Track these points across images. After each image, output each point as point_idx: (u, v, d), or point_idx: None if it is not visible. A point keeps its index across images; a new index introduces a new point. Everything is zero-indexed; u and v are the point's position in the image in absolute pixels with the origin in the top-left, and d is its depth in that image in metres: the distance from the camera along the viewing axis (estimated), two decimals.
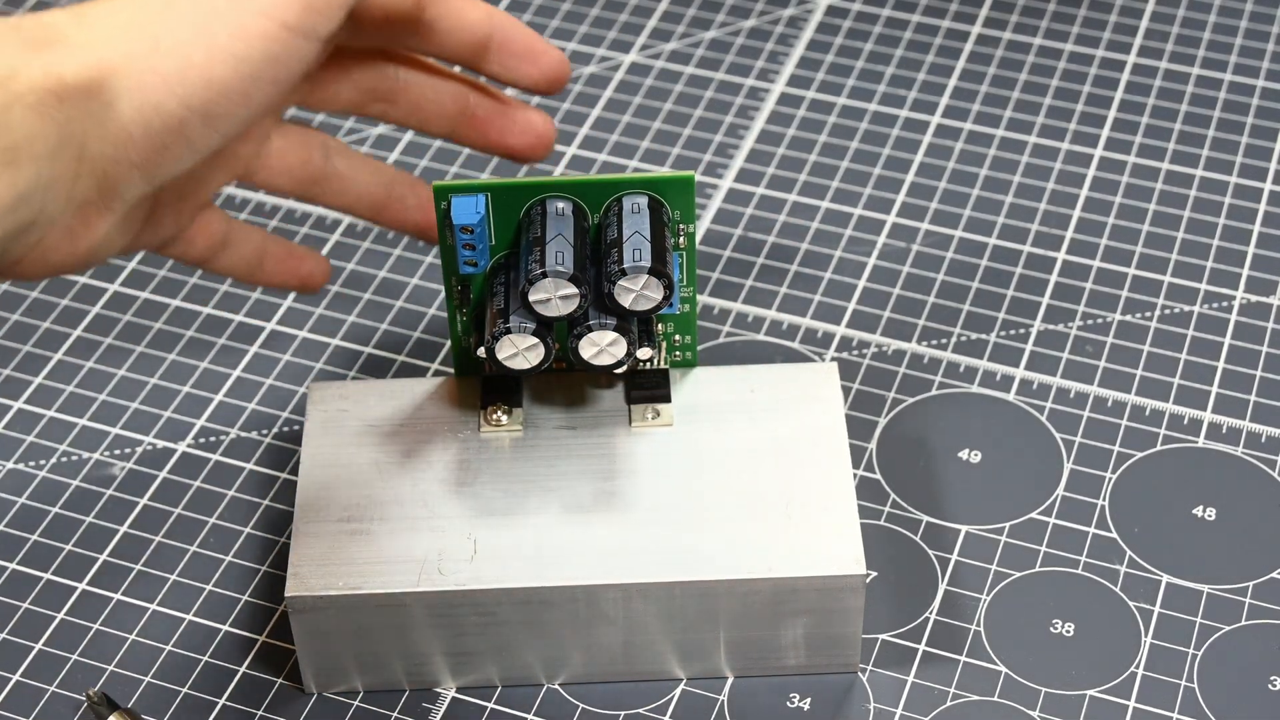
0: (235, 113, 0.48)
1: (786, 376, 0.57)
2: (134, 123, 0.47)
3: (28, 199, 0.46)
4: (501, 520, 0.54)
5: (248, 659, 0.56)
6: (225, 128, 0.49)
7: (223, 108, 0.48)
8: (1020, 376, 0.63)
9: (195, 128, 0.48)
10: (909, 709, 0.54)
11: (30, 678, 0.55)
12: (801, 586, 0.52)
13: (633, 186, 0.54)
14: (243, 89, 0.48)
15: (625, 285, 0.52)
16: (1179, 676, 0.55)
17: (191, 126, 0.48)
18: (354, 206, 0.57)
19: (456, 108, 0.56)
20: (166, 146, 0.48)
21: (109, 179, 0.48)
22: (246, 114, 0.49)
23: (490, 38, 0.54)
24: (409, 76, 0.56)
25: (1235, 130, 0.71)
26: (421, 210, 0.58)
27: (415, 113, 0.56)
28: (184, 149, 0.48)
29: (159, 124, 0.48)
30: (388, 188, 0.57)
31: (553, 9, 0.77)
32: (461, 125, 0.56)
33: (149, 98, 0.47)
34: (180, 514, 0.60)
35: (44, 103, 0.45)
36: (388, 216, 0.58)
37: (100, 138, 0.47)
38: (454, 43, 0.54)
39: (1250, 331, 0.64)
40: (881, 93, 0.73)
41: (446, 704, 0.55)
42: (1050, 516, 0.59)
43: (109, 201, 0.49)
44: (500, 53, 0.55)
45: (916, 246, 0.67)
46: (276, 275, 0.58)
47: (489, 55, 0.55)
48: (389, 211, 0.58)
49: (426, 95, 0.56)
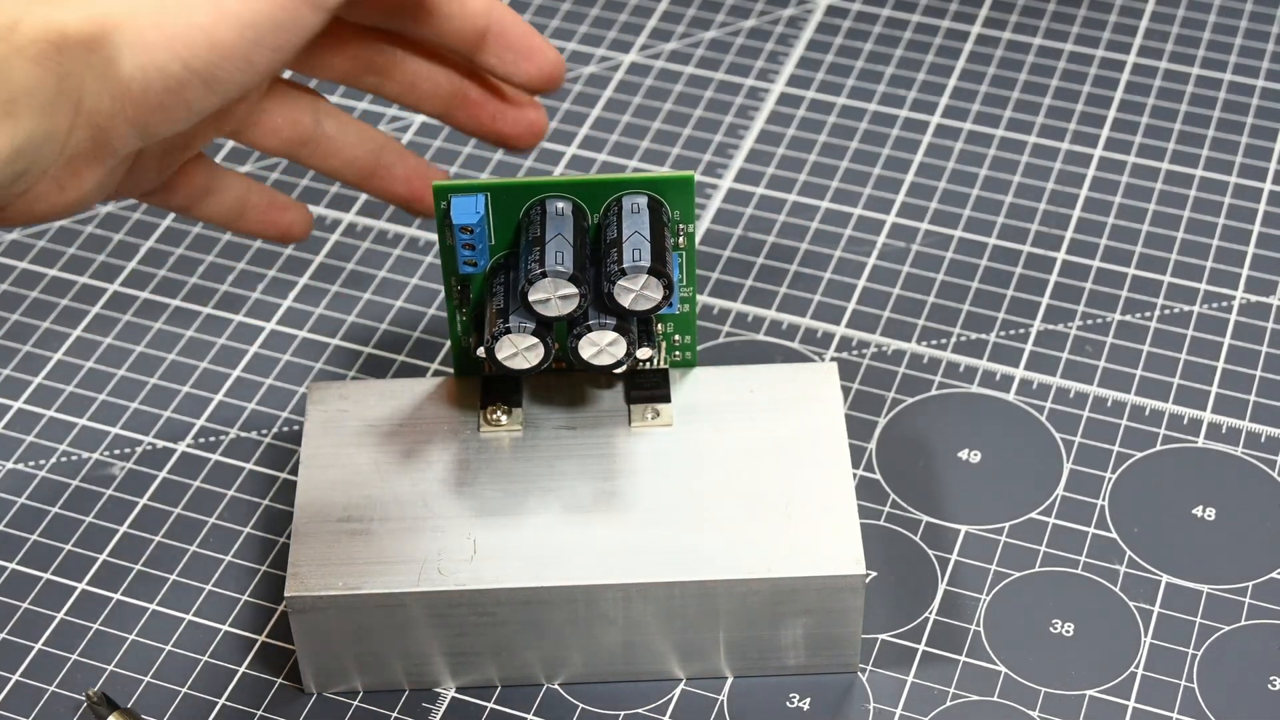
0: (236, 78, 0.48)
1: (786, 376, 0.57)
2: (134, 80, 0.47)
3: (24, 151, 0.45)
4: (501, 520, 0.54)
5: (248, 659, 0.56)
6: (225, 91, 0.48)
7: (225, 71, 0.48)
8: (1020, 376, 0.63)
9: (195, 89, 0.48)
10: (909, 709, 0.54)
11: (30, 678, 0.55)
12: (801, 586, 0.52)
13: (632, 186, 0.54)
14: (246, 54, 0.48)
15: (625, 285, 0.52)
16: (1179, 676, 0.55)
17: (192, 88, 0.48)
18: (341, 171, 0.57)
19: (450, 88, 0.56)
20: (164, 106, 0.48)
21: (103, 133, 0.48)
22: (247, 79, 0.48)
23: (488, 29, 0.54)
24: (404, 54, 0.55)
25: (1235, 130, 0.71)
26: (408, 181, 0.57)
27: (409, 90, 0.56)
28: (182, 110, 0.48)
29: (159, 83, 0.47)
30: (376, 155, 0.57)
31: (553, 9, 0.77)
32: (454, 106, 0.56)
33: (152, 56, 0.47)
34: (180, 514, 0.60)
35: (44, 54, 0.45)
36: (374, 184, 0.57)
37: (98, 91, 0.47)
38: (452, 29, 0.54)
39: (1250, 331, 0.64)
40: (881, 93, 0.73)
41: (446, 704, 0.55)
42: (1050, 516, 0.59)
43: (101, 155, 0.49)
44: (497, 45, 0.54)
45: (916, 246, 0.67)
46: (257, 225, 0.58)
47: (486, 47, 0.54)
48: (376, 179, 0.57)
49: (421, 74, 0.56)
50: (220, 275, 0.67)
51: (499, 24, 0.54)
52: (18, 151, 0.45)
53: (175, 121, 0.49)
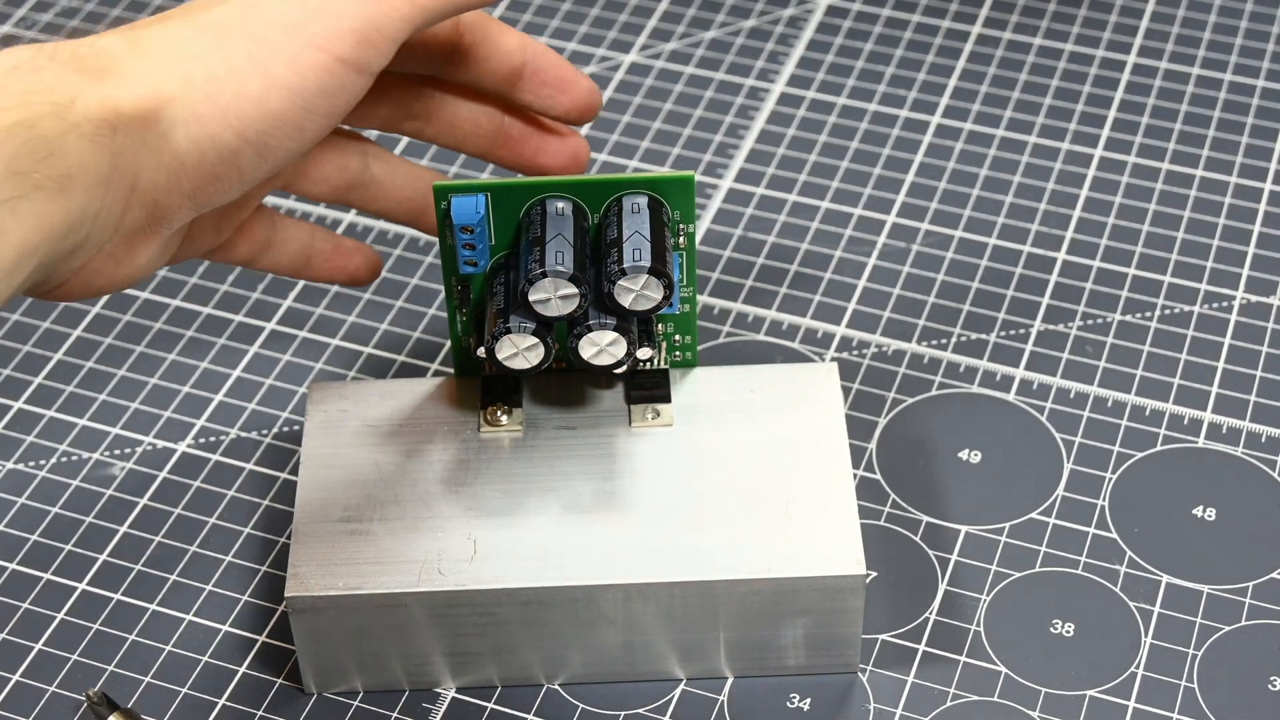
0: (287, 145, 0.48)
1: (786, 376, 0.57)
2: (189, 153, 0.47)
3: (78, 226, 0.45)
4: (501, 520, 0.54)
5: (248, 659, 0.56)
6: (277, 159, 0.49)
7: (276, 139, 0.48)
8: (1020, 376, 0.63)
9: (249, 159, 0.48)
10: (909, 709, 0.54)
11: (30, 678, 0.55)
12: (801, 587, 0.52)
13: (633, 186, 0.54)
14: (297, 121, 0.48)
15: (625, 285, 0.52)
16: (1179, 677, 0.55)
17: (245, 157, 0.48)
18: (393, 212, 0.57)
19: (491, 127, 0.56)
20: (218, 177, 0.48)
21: (159, 208, 0.48)
22: (298, 146, 0.49)
23: (524, 65, 0.55)
24: (443, 96, 0.56)
25: (1235, 130, 0.71)
26: None
27: (450, 131, 0.56)
28: (235, 179, 0.48)
29: (214, 155, 0.47)
30: (425, 193, 0.57)
31: (553, 9, 0.77)
32: (496, 145, 0.56)
33: (205, 129, 0.47)
34: (180, 514, 0.60)
35: (99, 132, 0.45)
36: (426, 222, 0.57)
37: (154, 168, 0.47)
38: (489, 70, 0.54)
39: (1250, 331, 0.64)
40: (881, 93, 0.73)
41: (446, 704, 0.55)
42: (1050, 516, 0.59)
43: (156, 227, 0.49)
44: (533, 81, 0.55)
45: (916, 246, 0.67)
46: (324, 272, 0.58)
47: (522, 83, 0.55)
48: (428, 216, 0.57)
49: (461, 114, 0.56)
50: (221, 275, 0.67)
51: (534, 60, 0.55)
52: (71, 227, 0.45)
53: (229, 191, 0.49)
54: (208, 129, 0.47)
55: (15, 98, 0.45)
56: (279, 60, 0.47)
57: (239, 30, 0.48)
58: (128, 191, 0.47)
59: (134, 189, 0.47)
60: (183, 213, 0.49)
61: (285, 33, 0.48)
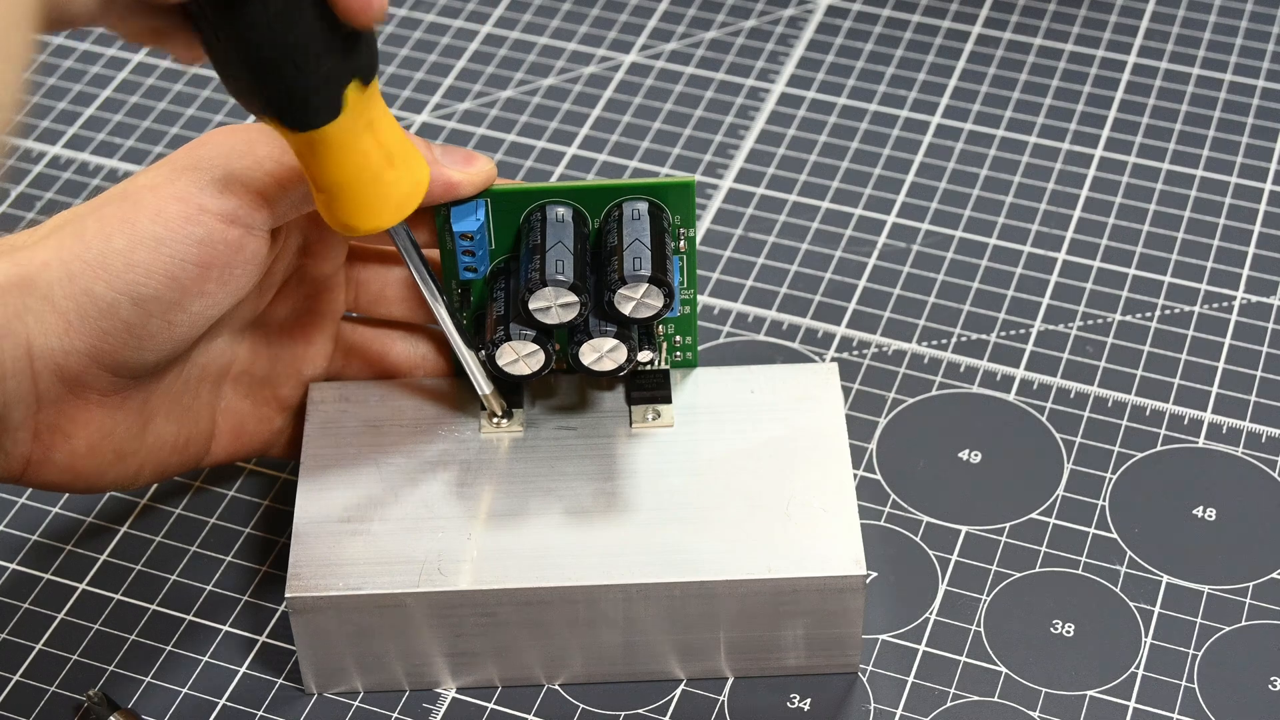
0: (165, 294, 0.50)
1: (786, 377, 0.57)
2: (69, 310, 0.50)
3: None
4: (502, 521, 0.54)
5: (248, 659, 0.56)
6: (167, 312, 0.50)
7: (150, 289, 0.50)
8: (1020, 376, 0.63)
9: (126, 309, 0.50)
10: (909, 709, 0.54)
11: (31, 678, 0.55)
12: (802, 587, 0.52)
13: (633, 192, 0.54)
14: (168, 270, 0.50)
15: (625, 294, 0.52)
16: (1179, 677, 0.55)
17: (122, 308, 0.50)
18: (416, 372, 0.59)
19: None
20: (106, 332, 0.50)
21: (67, 372, 0.50)
22: (176, 295, 0.50)
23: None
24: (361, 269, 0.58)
25: (1235, 130, 0.71)
26: None
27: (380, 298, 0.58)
28: (127, 334, 0.50)
29: (92, 308, 0.50)
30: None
31: (553, 9, 0.77)
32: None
33: (79, 284, 0.50)
34: (180, 514, 0.60)
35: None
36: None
37: (44, 331, 0.49)
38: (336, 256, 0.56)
39: (1250, 331, 0.64)
40: (881, 93, 0.73)
41: (446, 704, 0.55)
42: (1050, 517, 0.59)
43: (82, 393, 0.51)
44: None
45: (916, 246, 0.67)
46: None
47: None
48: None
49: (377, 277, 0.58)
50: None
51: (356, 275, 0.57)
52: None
53: (134, 348, 0.51)
54: (81, 284, 0.50)
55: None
56: (143, 214, 0.50)
57: (114, 196, 0.51)
58: (28, 360, 0.49)
59: (33, 357, 0.49)
60: (95, 373, 0.51)
61: (152, 191, 0.51)
